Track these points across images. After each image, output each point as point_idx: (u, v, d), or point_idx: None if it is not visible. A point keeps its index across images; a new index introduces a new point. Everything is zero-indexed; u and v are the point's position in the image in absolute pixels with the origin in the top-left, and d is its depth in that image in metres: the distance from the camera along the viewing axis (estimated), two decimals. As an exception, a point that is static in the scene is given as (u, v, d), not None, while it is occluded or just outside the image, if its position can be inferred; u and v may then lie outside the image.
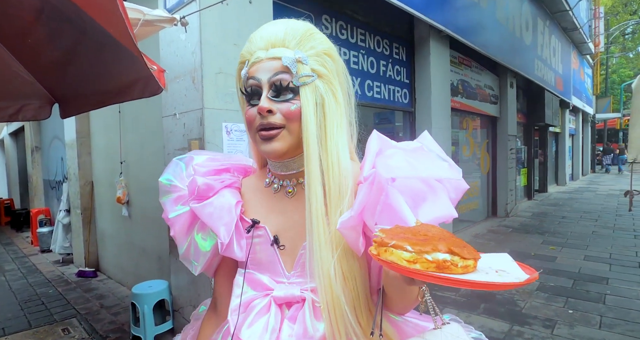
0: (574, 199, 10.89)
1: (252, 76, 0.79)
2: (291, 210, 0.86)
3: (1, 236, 8.34)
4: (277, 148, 0.79)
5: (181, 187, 0.92)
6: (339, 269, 0.75)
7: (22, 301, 4.31)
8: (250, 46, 0.81)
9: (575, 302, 3.68)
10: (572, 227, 7.01)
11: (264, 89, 0.78)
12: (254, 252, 0.86)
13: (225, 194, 0.88)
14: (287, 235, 0.85)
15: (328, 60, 0.81)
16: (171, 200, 0.93)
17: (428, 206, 0.72)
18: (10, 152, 11.53)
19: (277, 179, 0.89)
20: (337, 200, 0.77)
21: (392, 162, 0.73)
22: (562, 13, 10.60)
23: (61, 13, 1.79)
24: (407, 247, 0.54)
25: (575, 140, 16.84)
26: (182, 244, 0.93)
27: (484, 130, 8.17)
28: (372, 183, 0.72)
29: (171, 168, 0.96)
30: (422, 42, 5.34)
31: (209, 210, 0.85)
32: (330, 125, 0.80)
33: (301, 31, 0.80)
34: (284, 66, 0.77)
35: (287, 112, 0.77)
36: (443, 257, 0.53)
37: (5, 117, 2.52)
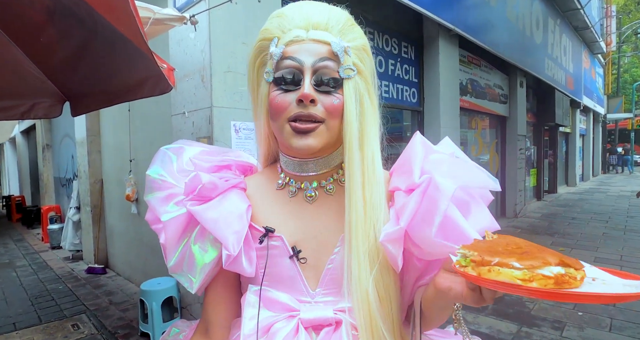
0: (584, 200, 10.77)
1: (290, 56, 0.68)
2: (311, 217, 0.75)
3: (12, 233, 8.47)
4: (313, 144, 0.69)
5: (173, 184, 0.77)
6: (376, 288, 0.67)
7: (32, 297, 4.37)
8: (284, 22, 0.70)
9: (585, 304, 3.63)
10: (582, 229, 6.93)
11: (307, 74, 0.67)
12: (268, 266, 0.73)
13: (232, 197, 0.74)
14: (308, 246, 0.74)
15: (366, 57, 0.74)
16: (160, 199, 0.77)
17: (474, 217, 0.68)
18: (22, 150, 11.70)
19: (294, 181, 0.77)
20: (372, 209, 0.69)
21: (446, 169, 0.67)
22: (573, 12, 10.49)
23: (72, 12, 1.81)
24: (514, 264, 0.47)
25: (586, 141, 16.64)
26: (172, 254, 0.75)
27: (493, 130, 8.11)
28: (425, 192, 0.65)
29: (159, 159, 0.82)
30: (431, 41, 5.31)
31: (214, 215, 0.70)
32: (367, 126, 0.72)
33: (344, 19, 0.72)
34: (332, 52, 0.68)
35: (330, 105, 0.68)
36: (557, 270, 0.47)
37: (17, 115, 2.56)
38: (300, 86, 0.68)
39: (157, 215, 0.76)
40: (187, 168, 0.78)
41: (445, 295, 0.60)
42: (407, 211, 0.65)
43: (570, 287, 0.46)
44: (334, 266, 0.72)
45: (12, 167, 13.98)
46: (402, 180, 0.72)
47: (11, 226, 9.35)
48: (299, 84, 0.68)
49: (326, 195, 0.76)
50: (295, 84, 0.68)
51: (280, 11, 0.73)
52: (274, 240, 0.73)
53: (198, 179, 0.71)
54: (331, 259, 0.72)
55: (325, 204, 0.76)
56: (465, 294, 0.56)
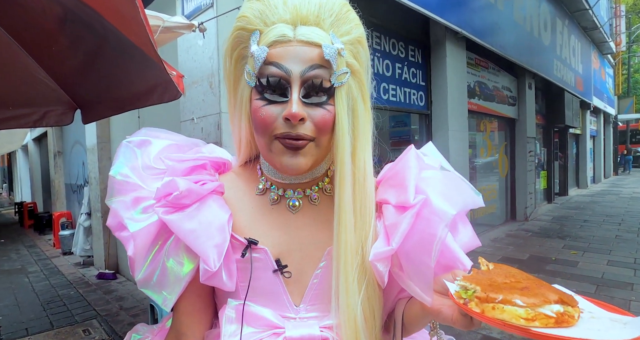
0: (596, 202, 10.63)
1: (275, 62, 0.59)
2: (295, 228, 0.70)
3: (25, 239, 8.58)
4: (302, 165, 0.63)
5: (139, 184, 0.68)
6: (363, 306, 0.64)
7: (44, 302, 4.41)
8: (266, 11, 0.61)
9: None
10: (594, 231, 6.83)
11: (294, 86, 0.59)
12: (248, 280, 0.67)
13: (211, 204, 0.66)
14: (293, 259, 0.69)
15: (361, 50, 0.67)
16: (124, 203, 0.67)
17: (460, 235, 0.68)
18: (34, 157, 11.87)
19: (276, 188, 0.71)
20: (362, 225, 0.66)
21: (440, 189, 0.65)
22: (581, 12, 10.40)
23: (83, 22, 1.84)
24: (517, 302, 0.48)
25: (597, 142, 16.45)
26: (140, 266, 0.65)
27: (502, 132, 8.05)
28: (419, 214, 0.62)
29: (122, 155, 0.72)
30: (438, 44, 5.30)
31: (191, 225, 0.62)
32: (359, 135, 0.66)
33: (337, 8, 0.63)
34: (323, 58, 0.59)
35: (320, 120, 0.61)
36: (557, 309, 0.48)
37: (30, 123, 2.60)
38: (287, 98, 0.60)
39: (121, 222, 0.67)
40: (155, 166, 0.70)
41: (434, 316, 0.61)
42: (399, 232, 0.62)
43: (568, 325, 0.47)
44: (319, 281, 0.68)
45: (25, 174, 14.19)
46: (392, 194, 0.68)
47: (23, 232, 9.47)
48: (285, 94, 0.61)
49: (310, 205, 0.71)
50: (281, 93, 0.61)
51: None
52: (257, 252, 0.67)
53: (174, 185, 0.63)
54: (316, 273, 0.69)
55: (310, 215, 0.71)
56: (455, 318, 0.57)
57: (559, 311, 0.48)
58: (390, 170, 0.73)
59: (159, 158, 0.71)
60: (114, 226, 0.69)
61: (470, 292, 0.53)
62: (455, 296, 0.55)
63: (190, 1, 2.87)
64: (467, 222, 0.71)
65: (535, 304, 0.48)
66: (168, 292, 0.65)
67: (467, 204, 0.68)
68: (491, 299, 0.50)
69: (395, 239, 0.62)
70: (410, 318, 0.67)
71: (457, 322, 0.57)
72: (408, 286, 0.63)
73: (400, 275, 0.65)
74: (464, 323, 0.56)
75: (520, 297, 0.49)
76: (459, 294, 0.54)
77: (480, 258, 0.62)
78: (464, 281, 0.55)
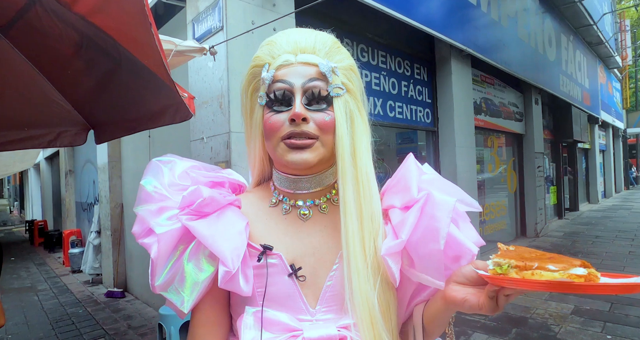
0: (607, 217, 10.46)
1: (281, 79, 0.71)
2: (307, 234, 0.75)
3: (35, 257, 8.63)
4: (309, 159, 0.70)
5: (166, 196, 0.74)
6: (379, 303, 0.67)
7: (53, 321, 4.42)
8: (273, 49, 0.74)
9: (613, 326, 3.50)
10: (607, 247, 6.71)
11: (297, 95, 0.70)
12: (265, 285, 0.70)
13: (230, 213, 0.73)
14: (307, 264, 0.73)
15: (354, 76, 0.77)
16: (151, 212, 0.72)
17: (463, 233, 0.71)
18: (46, 175, 12.04)
19: (288, 199, 0.78)
20: (369, 223, 0.70)
21: (440, 186, 0.72)
22: (585, 28, 10.48)
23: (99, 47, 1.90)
24: (551, 267, 0.55)
25: (607, 156, 16.29)
26: (161, 271, 0.69)
27: (510, 148, 8.03)
28: (424, 207, 0.68)
29: (152, 171, 0.79)
30: (443, 61, 5.36)
31: (212, 230, 0.68)
32: (358, 142, 0.74)
33: (330, 42, 0.75)
34: (320, 73, 0.71)
35: (321, 122, 0.70)
36: (582, 271, 0.54)
37: (44, 144, 2.65)
38: (291, 106, 0.70)
39: (148, 227, 0.71)
40: (180, 182, 0.77)
41: (459, 306, 0.64)
42: (407, 225, 0.67)
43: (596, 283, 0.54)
44: (333, 283, 0.72)
45: (36, 192, 14.37)
46: (398, 198, 0.73)
47: (33, 250, 9.54)
48: (290, 104, 0.71)
49: (320, 213, 0.77)
50: (287, 104, 0.71)
51: (269, 39, 0.77)
52: (272, 258, 0.71)
53: (199, 192, 0.70)
54: (330, 276, 0.72)
55: (320, 222, 0.76)
56: (482, 302, 0.61)
57: (584, 273, 0.54)
58: (392, 179, 0.79)
59: (184, 173, 0.78)
60: (139, 232, 0.74)
61: (505, 266, 0.58)
62: (491, 273, 0.59)
63: (201, 24, 2.96)
64: (467, 221, 0.76)
65: (566, 267, 0.55)
66: (187, 294, 0.69)
67: (465, 201, 0.74)
68: (529, 266, 0.56)
69: (404, 232, 0.66)
70: (431, 318, 0.71)
71: (484, 307, 0.61)
72: (419, 277, 0.67)
73: (411, 271, 0.69)
74: (490, 307, 0.60)
75: (551, 264, 0.55)
76: (495, 271, 0.58)
77: (499, 243, 0.67)
78: (497, 258, 0.60)
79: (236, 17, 2.75)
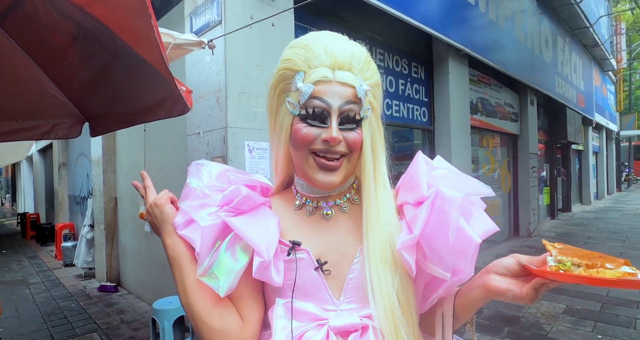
0: (599, 218, 10.56)
1: (319, 97, 0.73)
2: (331, 231, 0.82)
3: (27, 250, 8.56)
4: (336, 181, 0.77)
5: (208, 195, 0.81)
6: (397, 295, 0.73)
7: (45, 314, 4.39)
8: (310, 57, 0.75)
9: (604, 326, 3.54)
10: (598, 248, 6.77)
11: (333, 116, 0.74)
12: (293, 278, 0.77)
13: (263, 212, 0.81)
14: (331, 258, 0.79)
15: (378, 93, 0.81)
16: (194, 207, 0.80)
17: (476, 222, 0.76)
18: (39, 168, 11.94)
19: (311, 201, 0.84)
20: (386, 223, 0.77)
21: (449, 182, 0.75)
22: (582, 30, 10.53)
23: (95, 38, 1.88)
24: (608, 266, 0.60)
25: (600, 158, 16.43)
26: (204, 260, 0.76)
27: (505, 148, 8.07)
28: (434, 203, 0.73)
29: (194, 173, 0.86)
30: (441, 60, 5.37)
31: (249, 226, 0.75)
32: (378, 159, 0.81)
33: (364, 57, 0.78)
34: (356, 96, 0.74)
35: (352, 141, 0.75)
36: (630, 269, 0.59)
37: (38, 136, 2.62)
38: (326, 125, 0.74)
39: (190, 219, 0.79)
40: (217, 183, 0.83)
41: (501, 295, 0.70)
42: (419, 221, 0.72)
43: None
44: (354, 275, 0.78)
45: (28, 185, 14.24)
46: (410, 195, 0.79)
47: (25, 243, 9.47)
48: (325, 122, 0.74)
49: (341, 212, 0.83)
50: (322, 121, 0.74)
51: (304, 42, 0.77)
52: (300, 253, 0.78)
53: (238, 191, 0.78)
54: (352, 268, 0.78)
55: (342, 221, 0.83)
56: (526, 293, 0.66)
57: (629, 271, 0.59)
58: (404, 177, 0.85)
59: (221, 177, 0.85)
60: (181, 223, 0.80)
61: (568, 264, 0.63)
62: (554, 269, 0.64)
63: (199, 18, 2.93)
64: (480, 210, 0.80)
65: (618, 265, 0.60)
66: (223, 280, 0.74)
67: (474, 190, 0.77)
68: (594, 265, 0.61)
69: (417, 227, 0.72)
70: (465, 305, 0.77)
71: (527, 297, 0.66)
72: (431, 269, 0.73)
73: (425, 263, 0.74)
74: (532, 297, 0.66)
75: (608, 262, 0.61)
76: (558, 268, 0.64)
77: (543, 240, 0.73)
78: (561, 256, 0.65)
79: (235, 11, 2.74)
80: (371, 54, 0.82)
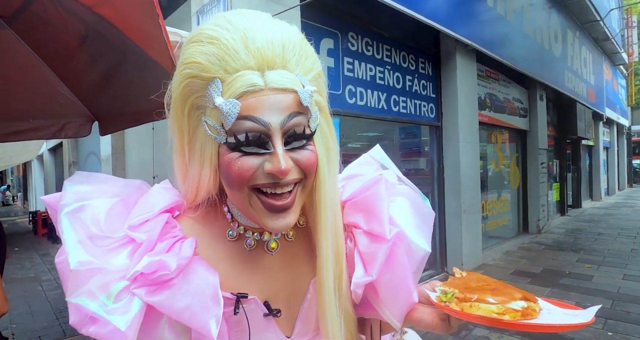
0: (610, 214, 10.44)
1: (250, 116, 0.53)
2: (277, 269, 0.69)
3: (38, 247, 8.69)
4: (291, 222, 0.60)
5: (101, 267, 0.55)
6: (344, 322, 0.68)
7: (57, 310, 4.46)
8: (225, 56, 0.53)
9: (615, 323, 3.51)
10: (609, 245, 6.71)
11: (276, 138, 0.54)
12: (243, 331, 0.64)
13: (197, 269, 0.59)
14: (280, 299, 0.68)
15: (323, 86, 0.64)
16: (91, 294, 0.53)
17: None
18: (49, 167, 12.08)
19: (251, 233, 0.67)
20: (339, 251, 0.67)
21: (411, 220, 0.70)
22: (592, 23, 10.38)
23: (104, 38, 1.90)
24: (490, 300, 0.58)
25: (610, 154, 16.23)
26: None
27: (513, 144, 8.01)
28: (395, 246, 0.67)
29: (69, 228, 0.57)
30: (449, 56, 5.33)
31: (185, 302, 0.56)
32: (332, 169, 0.65)
33: (299, 43, 0.58)
34: (301, 105, 0.55)
35: (306, 162, 0.58)
36: (522, 304, 0.57)
37: (49, 135, 2.66)
38: (267, 150, 0.55)
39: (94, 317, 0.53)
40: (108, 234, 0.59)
41: (415, 323, 0.69)
42: (378, 263, 0.65)
43: (532, 318, 0.57)
44: (306, 310, 0.70)
45: (39, 183, 14.43)
46: (362, 219, 0.69)
47: (37, 241, 9.60)
48: (265, 147, 0.55)
49: (287, 242, 0.70)
50: (261, 146, 0.55)
51: (211, 33, 0.55)
52: (248, 304, 0.63)
53: (163, 265, 0.55)
54: (304, 306, 0.70)
55: (289, 252, 0.70)
56: (436, 324, 0.65)
57: (524, 306, 0.57)
58: (357, 194, 0.72)
59: (113, 221, 0.60)
60: (81, 323, 0.54)
61: (449, 294, 0.61)
62: (437, 300, 0.63)
63: (205, 16, 2.94)
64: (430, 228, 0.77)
65: (504, 300, 0.57)
66: None
67: (431, 227, 0.74)
68: (468, 298, 0.59)
69: (375, 269, 0.65)
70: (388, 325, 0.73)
71: (437, 327, 0.65)
72: (381, 311, 0.68)
73: (375, 299, 0.69)
74: (443, 327, 0.64)
75: (492, 296, 0.58)
76: (440, 299, 0.63)
77: (454, 268, 0.72)
78: (444, 286, 0.64)
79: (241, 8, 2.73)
80: (378, 50, 0.74)
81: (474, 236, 5.50)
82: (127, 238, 0.59)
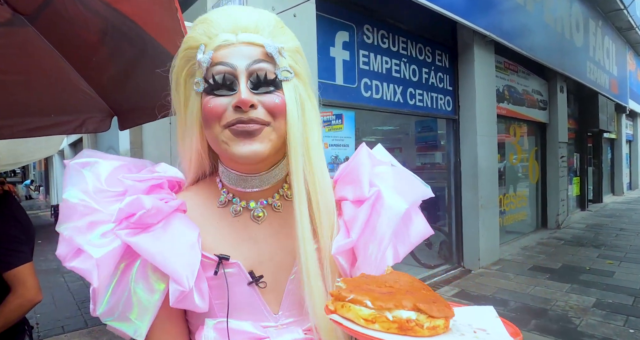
0: (632, 209, 10.18)
1: (221, 61, 0.61)
2: (264, 238, 0.69)
3: (61, 240, 8.92)
4: (260, 150, 0.62)
5: (95, 208, 0.61)
6: None
7: (79, 302, 4.58)
8: (209, 28, 0.63)
9: (636, 320, 3.43)
10: (631, 240, 6.54)
11: (241, 78, 0.61)
12: (225, 297, 0.65)
13: (177, 223, 0.63)
14: (266, 269, 0.68)
15: (300, 60, 0.69)
16: (79, 229, 0.60)
17: (415, 226, 0.74)
18: (69, 161, 12.34)
19: (238, 199, 0.70)
20: (326, 219, 0.67)
21: (392, 183, 0.71)
22: (615, 12, 10.06)
23: (123, 34, 1.92)
24: (367, 303, 0.48)
25: (633, 147, 15.77)
26: (103, 296, 0.60)
27: (532, 137, 7.85)
28: (374, 205, 0.67)
29: (72, 179, 0.64)
30: (466, 48, 5.24)
31: (160, 246, 0.59)
32: (310, 132, 0.67)
33: (273, 21, 0.66)
34: (266, 54, 0.62)
35: (272, 105, 0.62)
36: (407, 315, 0.47)
37: (70, 130, 2.71)
38: (235, 91, 0.62)
39: (79, 248, 0.59)
40: (109, 188, 0.64)
41: None
42: (358, 224, 0.66)
43: (414, 334, 0.46)
44: (294, 287, 0.68)
45: (60, 178, 14.78)
46: (349, 191, 0.71)
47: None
48: (233, 89, 0.62)
49: (274, 212, 0.71)
50: (229, 89, 0.62)
51: (203, 17, 0.66)
52: (230, 268, 0.65)
53: (139, 203, 0.59)
54: (290, 279, 0.69)
55: (276, 223, 0.71)
56: None
57: (409, 318, 0.46)
58: (345, 169, 0.76)
59: (113, 179, 0.65)
60: (66, 255, 0.60)
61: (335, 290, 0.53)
62: (331, 295, 0.54)
63: (221, 11, 2.95)
64: (419, 212, 0.76)
65: (384, 307, 0.47)
66: (141, 320, 0.60)
67: (418, 196, 0.74)
68: (342, 297, 0.50)
69: (355, 230, 0.66)
70: None
71: None
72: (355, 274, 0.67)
73: (352, 270, 0.68)
74: None
75: (372, 300, 0.48)
76: (332, 293, 0.54)
77: (387, 266, 0.62)
78: (341, 282, 0.54)
79: (256, 2, 2.74)
80: (394, 42, 0.76)
81: (491, 231, 5.43)
82: (124, 193, 0.64)
